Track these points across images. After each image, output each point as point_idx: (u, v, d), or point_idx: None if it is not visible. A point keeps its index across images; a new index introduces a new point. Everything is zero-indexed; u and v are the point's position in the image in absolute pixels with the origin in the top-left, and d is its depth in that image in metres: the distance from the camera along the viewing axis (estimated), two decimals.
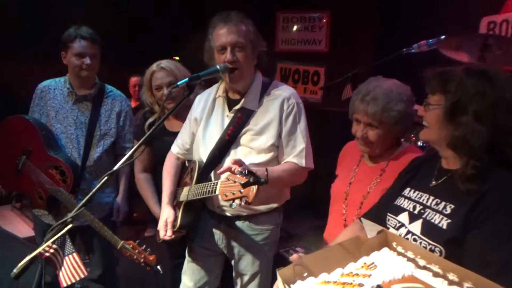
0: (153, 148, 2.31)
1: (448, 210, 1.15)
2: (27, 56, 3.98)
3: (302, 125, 1.84)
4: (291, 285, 0.92)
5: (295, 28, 4.92)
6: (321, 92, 4.65)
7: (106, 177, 1.42)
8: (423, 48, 2.46)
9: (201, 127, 1.92)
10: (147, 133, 1.49)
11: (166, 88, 2.24)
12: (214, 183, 1.70)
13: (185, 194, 1.89)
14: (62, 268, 1.56)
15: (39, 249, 1.41)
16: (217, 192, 1.63)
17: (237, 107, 1.83)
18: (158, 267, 1.93)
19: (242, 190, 1.47)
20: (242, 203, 1.49)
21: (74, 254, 1.56)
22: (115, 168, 1.43)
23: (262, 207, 1.87)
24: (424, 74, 1.25)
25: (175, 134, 2.14)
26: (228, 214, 1.88)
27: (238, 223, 1.87)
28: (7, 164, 2.29)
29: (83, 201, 1.39)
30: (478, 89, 1.13)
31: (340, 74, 2.85)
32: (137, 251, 1.86)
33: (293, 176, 1.83)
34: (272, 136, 1.79)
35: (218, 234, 1.94)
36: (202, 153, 1.89)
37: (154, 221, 1.90)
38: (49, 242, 1.42)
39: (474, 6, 3.88)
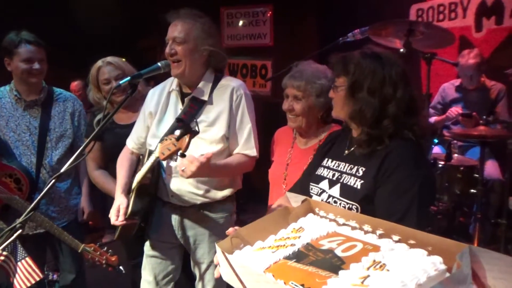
0: (104, 143, 2.31)
1: (361, 173, 1.33)
2: None
3: (250, 116, 1.92)
4: (229, 255, 1.01)
5: (240, 23, 5.01)
6: (270, 85, 4.78)
7: (53, 180, 1.44)
8: (357, 36, 2.61)
9: (155, 121, 1.95)
10: (96, 129, 1.51)
11: (114, 81, 2.26)
12: (154, 149, 1.76)
13: (136, 180, 1.91)
14: (16, 275, 1.56)
15: None
16: (156, 155, 1.69)
17: (189, 97, 1.88)
18: (121, 267, 1.97)
19: (176, 144, 1.55)
20: (178, 157, 1.55)
21: (27, 259, 1.57)
22: (63, 169, 1.43)
23: (216, 195, 1.92)
24: (329, 60, 1.43)
25: (124, 127, 2.16)
26: (182, 203, 1.92)
27: (193, 212, 1.92)
28: None
29: (32, 205, 1.38)
30: (371, 69, 1.32)
31: (287, 66, 2.98)
32: (98, 253, 1.90)
33: (241, 164, 1.90)
34: (223, 127, 1.86)
35: (173, 225, 1.98)
36: (155, 143, 1.91)
37: (111, 227, 1.91)
38: None
39: None
